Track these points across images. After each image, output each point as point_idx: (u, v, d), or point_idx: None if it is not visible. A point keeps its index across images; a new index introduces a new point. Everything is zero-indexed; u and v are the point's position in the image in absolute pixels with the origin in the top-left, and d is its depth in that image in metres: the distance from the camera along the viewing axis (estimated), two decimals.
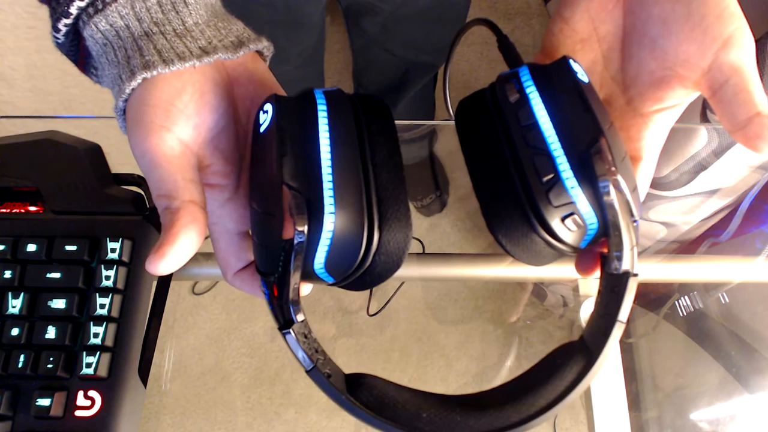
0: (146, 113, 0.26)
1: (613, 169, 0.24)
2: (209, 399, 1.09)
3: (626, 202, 0.25)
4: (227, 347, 1.13)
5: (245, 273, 0.30)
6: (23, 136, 0.38)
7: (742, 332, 0.67)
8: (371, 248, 0.25)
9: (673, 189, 0.56)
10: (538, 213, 0.25)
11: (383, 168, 0.26)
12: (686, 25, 0.26)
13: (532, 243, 0.26)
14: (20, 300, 0.35)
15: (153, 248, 0.24)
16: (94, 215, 0.37)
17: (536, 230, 0.25)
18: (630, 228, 0.25)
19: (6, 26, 1.31)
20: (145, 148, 0.26)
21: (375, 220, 0.25)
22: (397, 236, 0.25)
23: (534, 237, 0.26)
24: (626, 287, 0.26)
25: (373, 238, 0.25)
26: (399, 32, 0.83)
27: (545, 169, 0.25)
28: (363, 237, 0.24)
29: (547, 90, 0.26)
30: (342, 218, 0.24)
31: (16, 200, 0.38)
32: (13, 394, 0.34)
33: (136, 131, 0.26)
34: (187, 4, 0.27)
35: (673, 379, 0.81)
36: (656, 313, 0.77)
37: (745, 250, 0.61)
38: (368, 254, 0.25)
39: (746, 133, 0.25)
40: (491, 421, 0.24)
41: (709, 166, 0.52)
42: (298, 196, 0.23)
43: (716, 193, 0.57)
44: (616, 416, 0.42)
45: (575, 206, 0.25)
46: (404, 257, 0.26)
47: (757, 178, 0.55)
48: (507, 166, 0.26)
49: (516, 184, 0.25)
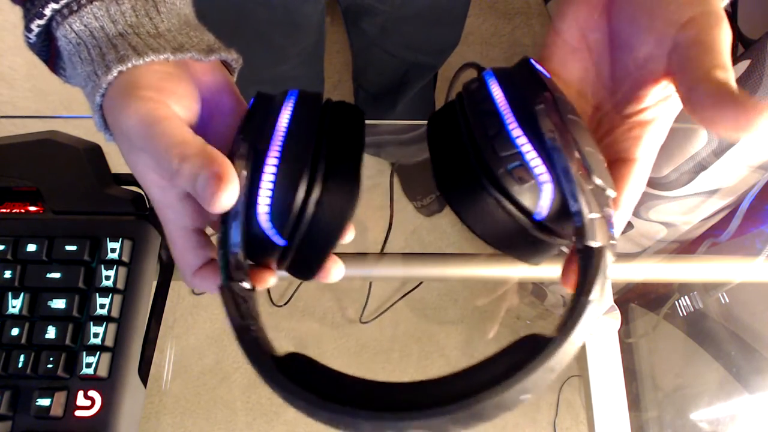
0: (136, 92, 0.25)
1: (558, 122, 0.24)
2: (209, 399, 1.09)
3: (578, 160, 0.23)
4: (227, 347, 1.13)
5: (206, 270, 0.29)
6: (23, 136, 0.38)
7: (742, 332, 0.67)
8: (310, 198, 0.25)
9: (673, 189, 0.56)
10: (484, 163, 0.25)
11: (336, 156, 0.26)
12: (649, 19, 0.26)
13: (482, 200, 0.25)
14: (20, 300, 0.35)
15: (208, 186, 0.23)
16: (94, 215, 0.37)
17: (483, 183, 0.25)
18: (585, 191, 0.23)
19: (6, 26, 1.31)
20: (144, 112, 0.25)
21: (318, 176, 0.25)
22: (339, 194, 0.25)
23: (483, 194, 0.25)
24: (590, 261, 0.23)
25: (313, 188, 0.25)
26: (398, 33, 0.83)
27: (492, 126, 0.25)
28: (302, 184, 0.24)
29: (506, 80, 0.26)
30: (284, 168, 0.24)
31: (16, 200, 0.38)
32: (13, 394, 0.34)
33: (127, 106, 0.25)
34: (159, 12, 0.28)
35: (673, 379, 0.81)
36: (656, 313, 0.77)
37: (745, 250, 0.61)
38: (307, 202, 0.25)
39: (694, 106, 0.23)
40: (422, 393, 0.21)
41: (709, 166, 0.52)
42: (244, 144, 0.25)
43: (716, 193, 0.57)
44: (616, 416, 0.42)
45: (521, 156, 0.24)
46: (349, 214, 0.25)
47: (757, 178, 0.55)
48: (462, 140, 0.26)
49: (468, 149, 0.26)
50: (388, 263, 0.44)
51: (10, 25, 1.30)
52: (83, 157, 0.38)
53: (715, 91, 0.22)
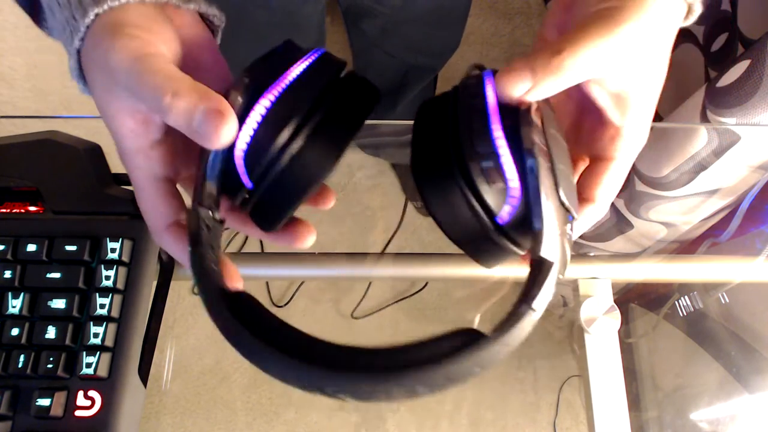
0: (124, 29, 0.25)
1: (539, 134, 0.24)
2: (209, 399, 1.09)
3: (549, 175, 0.24)
4: (227, 347, 1.12)
5: (177, 229, 0.28)
6: (23, 136, 0.38)
7: (742, 332, 0.67)
8: (287, 148, 0.25)
9: (673, 189, 0.56)
10: (460, 154, 0.25)
11: (330, 119, 0.26)
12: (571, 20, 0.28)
13: (451, 190, 0.25)
14: (20, 300, 0.35)
15: (207, 120, 0.23)
16: (94, 215, 0.37)
17: (455, 173, 0.25)
18: (549, 207, 0.24)
19: (6, 26, 1.31)
20: (134, 47, 0.24)
21: (303, 130, 0.25)
22: (317, 155, 0.25)
23: (453, 184, 0.25)
24: (540, 273, 0.24)
25: (294, 140, 0.25)
26: (398, 35, 0.83)
27: (477, 122, 0.25)
28: (284, 132, 0.24)
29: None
30: (274, 112, 0.24)
31: (16, 200, 0.38)
32: (13, 394, 0.34)
33: (114, 42, 0.24)
34: None
35: (673, 379, 0.81)
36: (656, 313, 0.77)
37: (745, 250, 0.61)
38: (283, 152, 0.25)
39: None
40: (356, 361, 0.22)
41: (709, 166, 0.52)
42: (246, 79, 0.24)
43: (716, 193, 0.57)
44: (616, 416, 0.42)
45: (497, 157, 0.24)
46: (320, 175, 0.25)
47: (757, 178, 0.55)
48: (445, 127, 0.27)
49: (449, 138, 0.26)
50: (388, 263, 0.44)
51: (10, 25, 1.30)
52: (83, 157, 0.38)
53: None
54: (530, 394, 1.12)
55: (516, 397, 1.11)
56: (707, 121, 0.48)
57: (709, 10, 0.54)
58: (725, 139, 0.49)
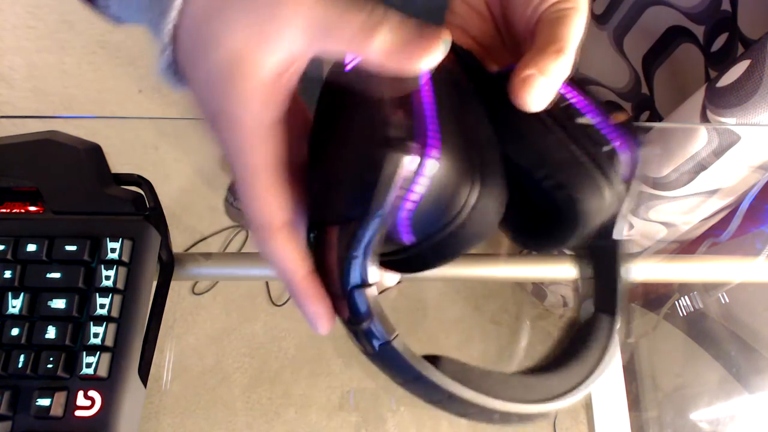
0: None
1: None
2: (209, 399, 1.09)
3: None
4: (227, 347, 1.13)
5: (294, 230, 0.25)
6: (23, 136, 0.38)
7: (742, 332, 0.67)
8: (468, 203, 0.22)
9: (673, 189, 0.56)
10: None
11: (479, 123, 0.24)
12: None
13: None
14: (20, 300, 0.35)
15: (410, 47, 0.22)
16: (94, 215, 0.37)
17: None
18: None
19: (6, 26, 1.31)
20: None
21: (477, 171, 0.22)
22: (494, 192, 0.23)
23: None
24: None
25: (473, 193, 0.22)
26: None
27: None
28: (467, 186, 0.22)
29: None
30: (445, 159, 0.21)
31: (16, 200, 0.38)
32: (13, 394, 0.34)
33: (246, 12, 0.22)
34: None
35: (673, 379, 0.81)
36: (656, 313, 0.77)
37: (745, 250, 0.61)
38: (465, 208, 0.22)
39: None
40: (544, 392, 0.24)
41: (709, 166, 0.52)
42: (408, 128, 0.21)
43: (716, 193, 0.57)
44: (616, 416, 0.42)
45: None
46: (497, 221, 0.23)
47: (757, 178, 0.55)
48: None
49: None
50: None
51: (9, 25, 1.30)
52: (83, 157, 0.38)
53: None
54: None
55: None
56: (707, 121, 0.48)
57: (709, 10, 0.54)
58: (725, 139, 0.49)
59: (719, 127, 0.48)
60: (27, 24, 1.31)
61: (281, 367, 1.11)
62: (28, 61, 1.31)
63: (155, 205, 0.39)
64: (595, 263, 0.29)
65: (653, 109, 0.65)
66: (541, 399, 0.24)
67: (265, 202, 0.24)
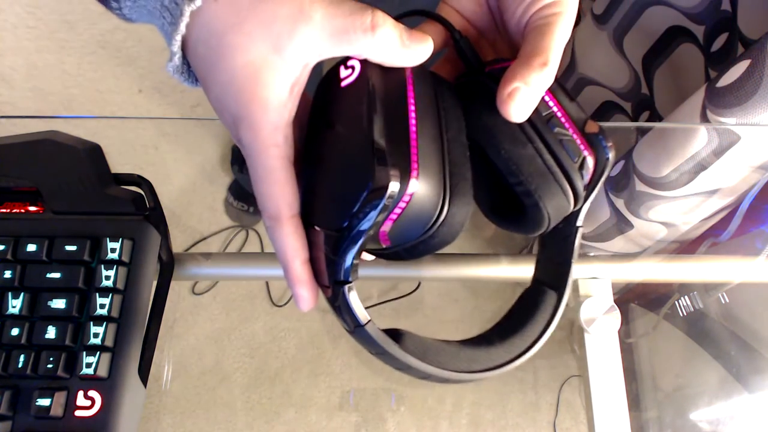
0: (268, 9, 0.24)
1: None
2: (209, 399, 1.09)
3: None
4: (227, 347, 1.13)
5: (300, 221, 0.27)
6: (23, 136, 0.38)
7: (742, 332, 0.67)
8: (438, 220, 0.26)
9: (673, 189, 0.56)
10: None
11: (454, 143, 0.27)
12: None
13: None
14: (20, 300, 0.35)
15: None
16: (94, 215, 0.37)
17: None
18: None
19: (6, 26, 1.31)
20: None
21: (447, 192, 0.26)
22: (461, 210, 0.26)
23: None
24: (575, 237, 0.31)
25: (443, 210, 0.26)
26: None
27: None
28: (438, 207, 0.26)
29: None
30: (423, 185, 0.25)
31: (16, 200, 0.38)
32: (13, 394, 0.34)
33: (263, 12, 0.24)
34: None
35: (673, 379, 0.81)
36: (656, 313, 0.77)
37: (745, 250, 0.61)
38: (436, 224, 0.26)
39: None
40: (486, 361, 0.29)
41: (709, 166, 0.52)
42: (393, 155, 0.24)
43: (716, 193, 0.57)
44: (616, 416, 0.42)
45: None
46: (461, 231, 0.27)
47: (757, 178, 0.55)
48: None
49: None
50: (388, 263, 0.44)
51: (9, 25, 1.30)
52: (83, 157, 0.38)
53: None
54: (530, 394, 1.12)
55: (516, 397, 1.11)
56: (707, 121, 0.48)
57: (709, 10, 0.54)
58: (725, 139, 0.49)
59: (719, 127, 0.48)
60: (27, 24, 1.31)
61: (281, 367, 1.11)
62: (28, 61, 1.31)
63: (155, 205, 0.39)
64: (551, 244, 0.33)
65: (653, 109, 0.65)
66: (483, 369, 0.29)
67: (276, 196, 0.27)
